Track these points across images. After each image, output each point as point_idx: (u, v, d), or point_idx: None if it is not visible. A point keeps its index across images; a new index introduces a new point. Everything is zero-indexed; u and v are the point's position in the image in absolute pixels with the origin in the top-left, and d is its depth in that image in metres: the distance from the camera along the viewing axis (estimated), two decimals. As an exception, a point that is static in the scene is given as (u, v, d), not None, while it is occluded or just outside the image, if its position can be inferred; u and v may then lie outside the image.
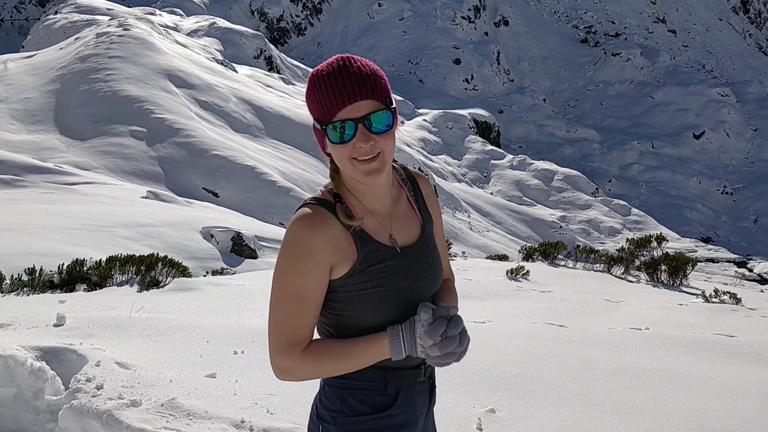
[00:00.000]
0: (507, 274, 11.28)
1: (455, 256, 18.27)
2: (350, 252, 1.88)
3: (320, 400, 2.00)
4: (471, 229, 48.38)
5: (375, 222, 1.94)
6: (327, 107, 1.83)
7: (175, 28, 73.02)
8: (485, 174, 72.76)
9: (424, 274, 1.98)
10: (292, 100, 54.83)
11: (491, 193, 66.47)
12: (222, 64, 58.13)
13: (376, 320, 1.90)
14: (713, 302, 9.20)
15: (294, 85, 66.52)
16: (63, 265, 9.20)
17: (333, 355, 1.88)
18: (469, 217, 52.71)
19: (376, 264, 1.89)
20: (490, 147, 78.97)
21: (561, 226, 60.52)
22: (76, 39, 51.97)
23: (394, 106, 1.88)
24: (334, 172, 1.94)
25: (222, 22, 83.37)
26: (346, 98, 1.81)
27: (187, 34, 73.14)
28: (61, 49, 50.46)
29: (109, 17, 61.95)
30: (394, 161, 2.02)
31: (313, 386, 4.17)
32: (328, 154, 1.92)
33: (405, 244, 1.97)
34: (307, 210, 1.90)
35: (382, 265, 1.90)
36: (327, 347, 1.89)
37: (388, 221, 1.97)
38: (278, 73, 73.02)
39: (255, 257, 17.04)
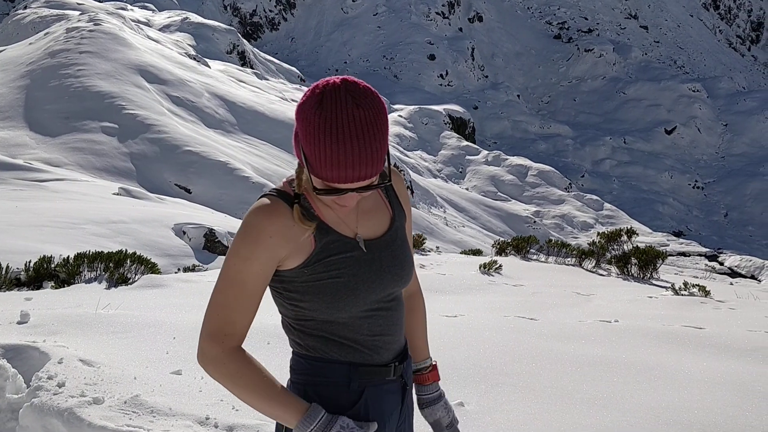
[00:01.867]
0: (480, 268, 11.32)
1: (430, 251, 18.31)
2: (307, 243, 1.83)
3: (292, 367, 1.95)
4: (446, 225, 48.51)
5: (337, 217, 1.89)
6: (328, 174, 1.71)
7: (147, 23, 72.27)
8: (460, 170, 73.01)
9: (390, 268, 1.92)
10: (265, 96, 54.56)
11: (466, 189, 66.71)
12: (194, 59, 57.68)
13: (338, 313, 1.84)
14: (682, 295, 9.29)
15: (267, 80, 66.22)
16: (30, 262, 9.06)
17: (256, 383, 1.79)
18: (444, 212, 52.84)
19: (336, 255, 1.84)
20: (466, 143, 79.26)
21: (535, 221, 60.91)
22: (45, 34, 51.25)
23: (389, 178, 1.82)
24: (299, 175, 1.87)
25: (194, 17, 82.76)
26: (356, 179, 1.71)
27: (159, 29, 72.50)
28: (30, 44, 49.72)
29: (80, 12, 61.07)
30: None
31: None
32: (297, 155, 1.82)
33: (371, 236, 1.92)
34: (265, 200, 1.85)
35: (341, 255, 1.84)
36: (256, 371, 1.80)
37: (353, 216, 1.92)
38: (251, 68, 72.63)
39: (228, 254, 16.92)
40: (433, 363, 2.21)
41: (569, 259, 13.77)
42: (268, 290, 1.92)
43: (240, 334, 1.83)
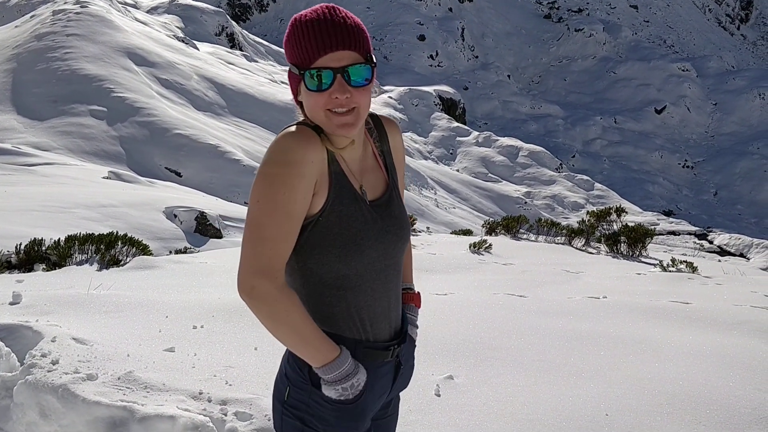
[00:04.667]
0: (470, 248, 11.38)
1: (421, 232, 18.38)
2: (326, 184, 1.84)
3: (288, 362, 1.96)
4: (437, 206, 48.54)
5: (347, 167, 1.91)
6: (307, 52, 1.79)
7: (134, 5, 71.59)
8: (451, 151, 72.91)
9: (391, 228, 1.95)
10: (255, 78, 54.29)
11: (457, 170, 66.68)
12: (183, 41, 57.25)
13: (345, 268, 1.87)
14: (670, 271, 9.39)
15: (257, 62, 65.85)
16: (21, 245, 9.06)
17: (303, 320, 1.80)
18: (435, 194, 52.85)
19: (346, 206, 1.86)
20: (456, 124, 79.10)
21: (526, 202, 60.99)
22: (31, 17, 50.75)
23: (375, 62, 1.84)
24: (305, 117, 1.90)
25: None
26: (328, 46, 1.78)
27: (147, 12, 71.83)
28: (16, 27, 49.24)
29: (66, -6, 60.37)
30: None
31: (272, 358, 4.19)
32: (300, 103, 1.88)
33: (372, 197, 1.95)
34: (294, 129, 1.85)
35: (351, 208, 1.87)
36: (302, 310, 1.81)
37: (358, 171, 1.95)
38: (240, 50, 72.14)
39: (220, 237, 16.94)
40: (417, 292, 2.31)
41: (559, 238, 13.85)
42: None
43: (283, 269, 1.81)
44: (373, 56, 1.85)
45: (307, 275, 1.89)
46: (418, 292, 2.31)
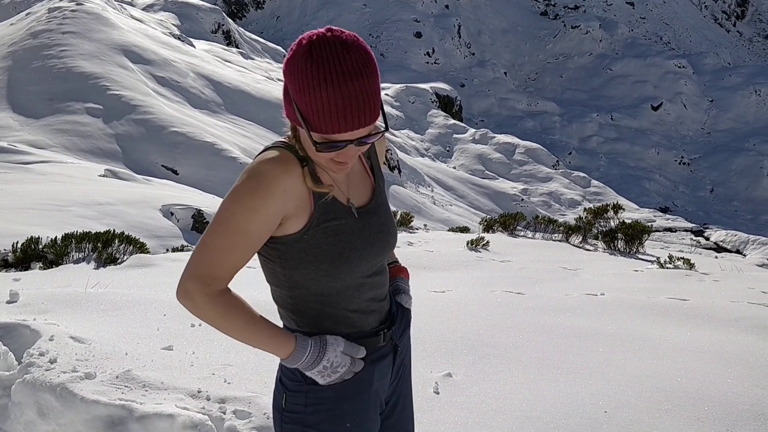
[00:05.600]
0: (467, 245, 11.38)
1: (417, 229, 18.34)
2: (308, 205, 1.81)
3: (282, 369, 1.96)
4: (434, 204, 48.53)
5: (332, 181, 1.88)
6: (327, 125, 1.67)
7: (130, 3, 71.49)
8: (448, 148, 72.88)
9: (378, 235, 1.93)
10: (251, 75, 54.19)
11: (454, 167, 66.66)
12: (179, 39, 57.12)
13: (333, 282, 1.86)
14: (668, 268, 9.40)
15: (253, 59, 65.75)
16: (17, 243, 9.04)
17: (243, 318, 1.80)
18: (432, 191, 52.84)
19: (332, 220, 1.83)
20: (453, 121, 79.04)
21: (523, 199, 61.02)
22: (27, 14, 50.57)
23: (386, 127, 1.78)
24: (295, 138, 1.83)
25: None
26: (351, 126, 1.67)
27: (143, 9, 71.67)
28: (11, 24, 49.08)
29: (61, -8, 60.19)
30: None
31: (271, 356, 4.18)
32: (289, 118, 1.79)
33: (359, 203, 1.93)
34: (274, 152, 1.80)
35: (337, 222, 1.84)
36: (243, 308, 1.81)
37: (344, 181, 1.92)
38: (237, 47, 72.01)
39: (216, 234, 16.91)
40: (401, 265, 2.28)
41: (556, 235, 13.86)
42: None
43: (229, 278, 1.81)
44: (386, 116, 1.78)
45: (293, 286, 1.88)
46: (405, 267, 2.29)
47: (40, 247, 8.95)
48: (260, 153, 1.84)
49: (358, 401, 1.93)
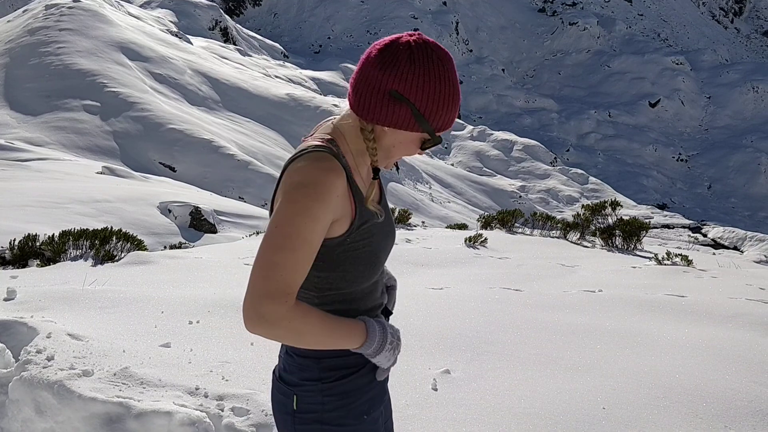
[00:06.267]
0: (465, 242, 11.36)
1: (416, 226, 18.33)
2: (349, 208, 1.82)
3: (289, 370, 1.92)
4: (432, 201, 48.54)
5: (362, 182, 1.90)
6: (449, 119, 1.83)
7: (128, 0, 71.34)
8: (446, 145, 72.90)
9: (392, 232, 1.98)
10: (248, 72, 54.14)
11: (452, 165, 66.67)
12: (176, 35, 57.07)
13: (365, 282, 1.89)
14: (665, 264, 9.40)
15: (250, 56, 65.67)
16: (15, 240, 9.02)
17: (322, 321, 1.77)
18: (430, 188, 52.84)
19: (366, 222, 1.85)
20: (450, 118, 78.97)
21: (520, 196, 61.05)
22: (24, 11, 50.50)
23: None
24: (370, 141, 1.86)
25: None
26: (454, 119, 1.87)
27: (140, 6, 71.61)
28: (8, 21, 49.00)
29: (58, -11, 60.07)
30: None
31: (269, 354, 4.18)
32: (381, 121, 1.82)
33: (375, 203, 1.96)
34: (326, 156, 1.79)
35: (371, 222, 1.86)
36: (318, 312, 1.78)
37: (367, 181, 1.94)
38: (234, 44, 71.96)
39: (214, 231, 16.91)
40: None
41: (554, 231, 13.85)
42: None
43: (297, 290, 1.75)
44: None
45: (325, 288, 1.88)
46: None
47: (38, 244, 8.94)
48: (302, 154, 1.81)
49: (373, 391, 1.94)
